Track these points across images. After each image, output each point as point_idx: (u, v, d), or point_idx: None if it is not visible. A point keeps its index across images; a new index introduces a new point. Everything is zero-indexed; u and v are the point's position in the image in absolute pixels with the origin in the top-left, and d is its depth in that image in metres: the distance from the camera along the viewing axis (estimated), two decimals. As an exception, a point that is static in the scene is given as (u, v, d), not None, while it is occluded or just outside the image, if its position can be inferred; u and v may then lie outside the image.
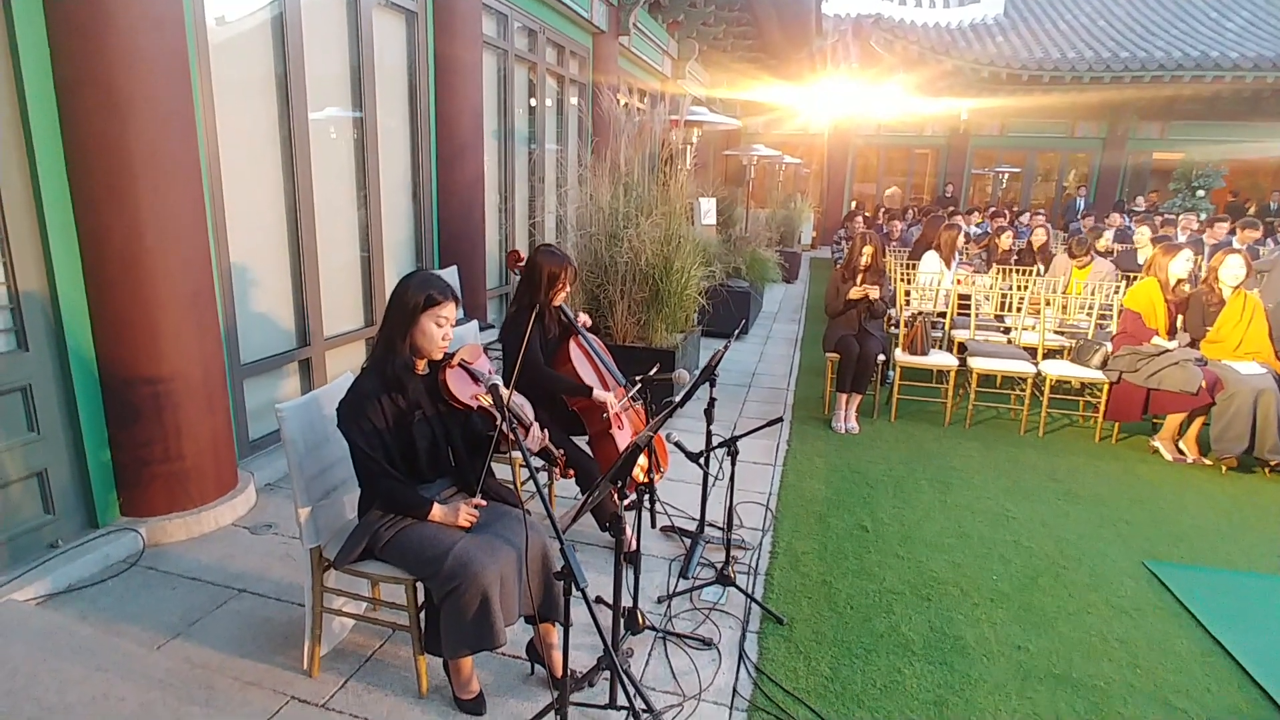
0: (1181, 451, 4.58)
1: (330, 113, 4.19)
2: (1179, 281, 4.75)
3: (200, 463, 3.13)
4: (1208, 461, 4.46)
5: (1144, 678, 2.49)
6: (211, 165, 3.30)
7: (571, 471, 2.56)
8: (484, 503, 2.16)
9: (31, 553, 2.75)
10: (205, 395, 3.11)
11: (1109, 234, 8.24)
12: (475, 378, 2.14)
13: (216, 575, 2.83)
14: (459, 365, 2.14)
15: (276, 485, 3.62)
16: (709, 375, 2.77)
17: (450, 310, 2.07)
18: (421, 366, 2.14)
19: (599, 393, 2.97)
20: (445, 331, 2.08)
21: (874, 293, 4.66)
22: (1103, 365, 4.79)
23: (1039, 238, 7.60)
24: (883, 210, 15.35)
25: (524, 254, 3.15)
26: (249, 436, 3.69)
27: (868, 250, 4.73)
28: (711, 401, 2.98)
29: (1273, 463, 4.22)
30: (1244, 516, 3.79)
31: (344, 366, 4.23)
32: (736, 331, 3.42)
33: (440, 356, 2.12)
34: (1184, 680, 2.49)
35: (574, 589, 1.69)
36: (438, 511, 2.09)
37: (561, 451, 2.38)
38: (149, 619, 2.55)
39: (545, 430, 2.32)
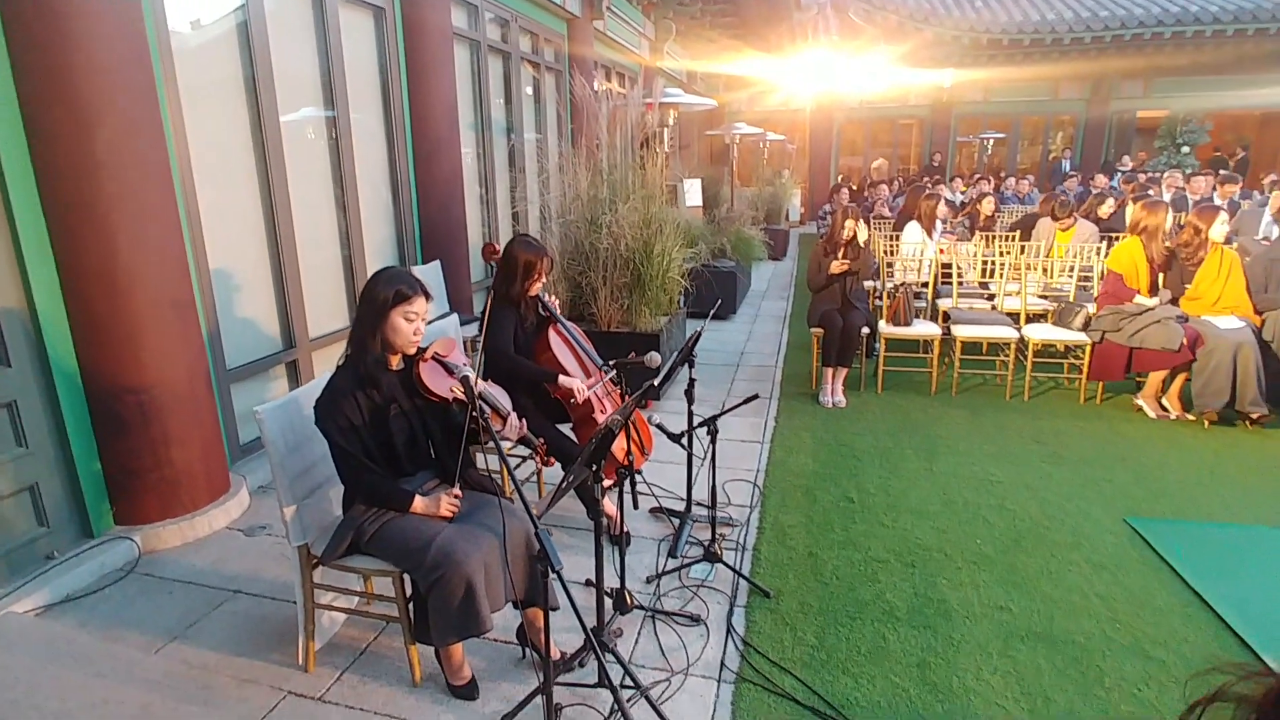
0: (1165, 408, 4.63)
1: (303, 113, 4.19)
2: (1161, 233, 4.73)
3: (191, 469, 3.16)
4: (1190, 417, 4.51)
5: (1123, 631, 2.55)
6: (184, 172, 3.30)
7: (552, 460, 2.59)
8: (461, 493, 2.20)
9: (28, 565, 2.79)
10: (192, 402, 3.14)
11: (1110, 201, 7.84)
12: (449, 370, 2.17)
13: (212, 578, 2.87)
14: (433, 358, 2.17)
15: (269, 487, 3.65)
16: (685, 358, 2.80)
17: (420, 305, 2.10)
18: (395, 362, 2.17)
19: (564, 379, 2.98)
20: (416, 326, 2.10)
21: (840, 267, 4.65)
22: (1084, 326, 4.83)
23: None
24: (868, 182, 15.28)
25: (499, 246, 3.16)
26: (239, 440, 3.72)
27: (849, 224, 4.73)
28: (691, 383, 3.01)
29: (1253, 416, 4.26)
30: (1225, 470, 3.84)
31: (330, 366, 4.25)
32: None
33: (413, 351, 2.15)
34: (1162, 632, 2.55)
35: (550, 571, 1.73)
36: (419, 503, 2.13)
37: (541, 439, 2.42)
38: (146, 624, 2.59)
39: (524, 419, 2.35)
